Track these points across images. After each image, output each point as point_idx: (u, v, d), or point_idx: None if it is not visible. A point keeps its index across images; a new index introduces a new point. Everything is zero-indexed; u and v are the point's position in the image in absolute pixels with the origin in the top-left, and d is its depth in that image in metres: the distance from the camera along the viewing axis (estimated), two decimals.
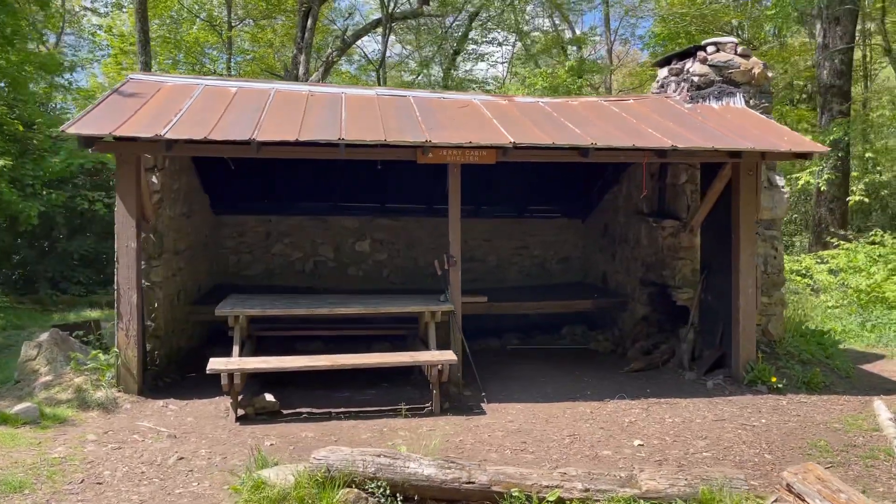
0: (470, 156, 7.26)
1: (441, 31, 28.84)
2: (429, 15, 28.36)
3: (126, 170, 6.98)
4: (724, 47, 8.95)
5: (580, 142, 7.07)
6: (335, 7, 30.89)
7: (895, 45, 19.95)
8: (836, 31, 18.85)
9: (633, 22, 39.31)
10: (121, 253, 7.05)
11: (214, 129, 6.81)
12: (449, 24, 28.36)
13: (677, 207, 9.03)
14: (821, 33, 19.03)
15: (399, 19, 27.48)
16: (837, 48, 18.65)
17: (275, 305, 7.25)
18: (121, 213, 7.03)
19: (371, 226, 12.09)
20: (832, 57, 18.73)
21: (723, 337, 8.43)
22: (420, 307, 7.37)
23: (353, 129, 7.09)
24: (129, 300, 7.07)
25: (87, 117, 6.79)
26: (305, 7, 24.60)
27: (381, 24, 27.51)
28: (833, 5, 18.64)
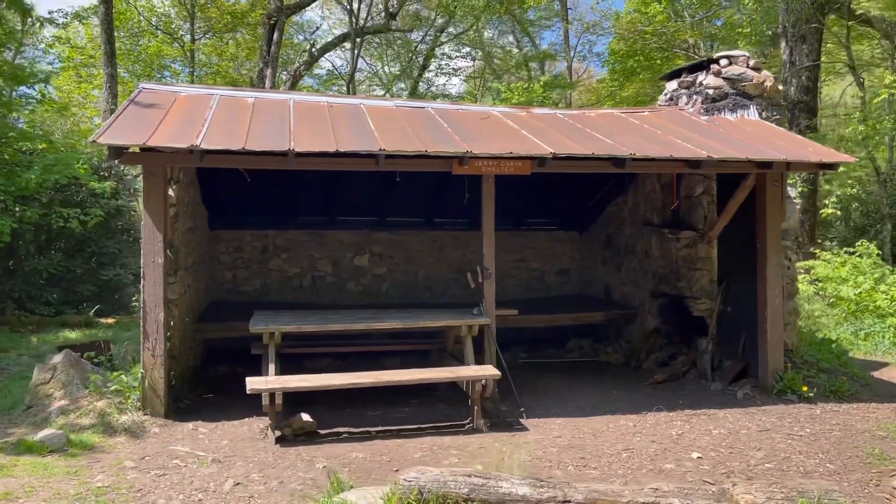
0: (505, 167, 7.15)
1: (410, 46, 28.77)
2: (396, 30, 28.34)
3: (153, 182, 6.66)
4: (737, 60, 9.07)
5: (617, 152, 7.03)
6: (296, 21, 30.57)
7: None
8: (802, 48, 19.41)
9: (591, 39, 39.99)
10: (147, 269, 6.71)
11: (248, 139, 6.56)
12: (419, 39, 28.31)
13: (693, 218, 9.07)
14: (786, 51, 19.56)
15: (366, 34, 27.34)
16: (804, 65, 19.20)
17: (308, 321, 6.99)
18: (147, 227, 6.69)
19: (370, 240, 11.86)
20: (799, 74, 19.27)
21: (745, 347, 8.48)
22: (457, 321, 7.20)
23: (388, 140, 6.91)
24: (155, 318, 6.73)
25: (112, 128, 6.46)
26: (273, 21, 24.30)
27: (348, 38, 27.36)
28: (799, 24, 19.19)
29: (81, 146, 17.88)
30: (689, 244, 9.14)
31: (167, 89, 8.22)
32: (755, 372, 8.32)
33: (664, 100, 10.08)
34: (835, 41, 20.51)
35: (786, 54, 19.90)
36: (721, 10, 24.46)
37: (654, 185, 9.98)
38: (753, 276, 8.33)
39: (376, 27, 26.57)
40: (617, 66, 29.09)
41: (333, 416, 7.08)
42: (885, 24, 20.05)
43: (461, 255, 12.19)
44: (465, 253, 12.22)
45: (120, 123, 6.66)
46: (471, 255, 12.19)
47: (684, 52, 29.07)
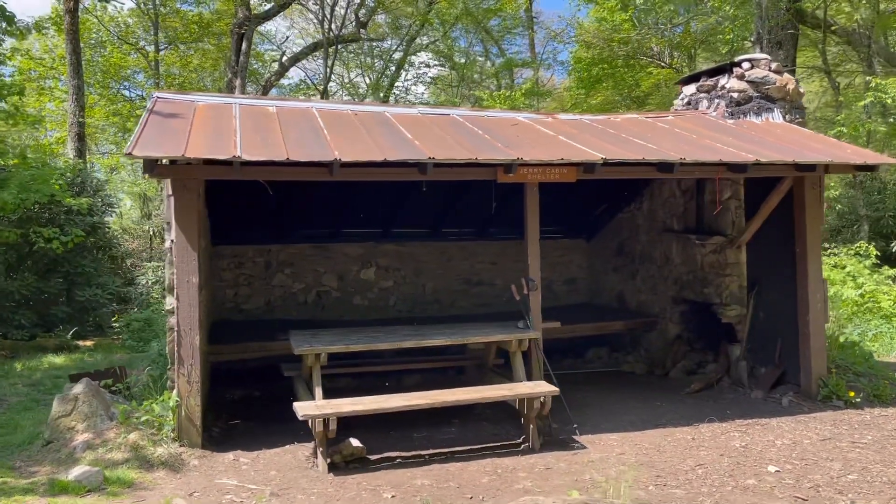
0: (551, 174, 6.90)
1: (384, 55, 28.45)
2: (367, 39, 27.99)
3: (187, 197, 6.22)
4: (759, 63, 8.99)
5: (666, 157, 6.83)
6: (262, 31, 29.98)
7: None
8: (778, 54, 19.64)
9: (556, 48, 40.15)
10: (181, 290, 6.26)
11: (288, 149, 6.17)
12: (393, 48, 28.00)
13: (721, 223, 8.93)
14: None
15: (337, 43, 26.93)
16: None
17: (352, 340, 6.60)
18: (180, 244, 6.24)
19: (376, 252, 11.48)
20: None
21: (781, 353, 8.35)
22: (508, 336, 6.89)
23: (432, 149, 6.58)
24: (191, 342, 6.27)
25: (141, 139, 6.01)
26: (241, 30, 23.77)
27: (319, 47, 26.92)
28: (775, 30, 19.43)
29: (49, 161, 17.07)
30: (717, 250, 9.00)
31: (183, 98, 7.77)
32: (793, 378, 8.19)
33: (681, 104, 9.95)
34: (811, 46, 20.83)
35: None
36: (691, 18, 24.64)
37: (674, 191, 9.84)
38: (788, 280, 8.22)
39: (348, 36, 26.19)
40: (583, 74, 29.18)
41: (379, 440, 6.70)
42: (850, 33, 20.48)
43: (469, 266, 11.90)
44: (472, 264, 11.93)
45: (148, 134, 6.21)
46: (478, 265, 11.95)
47: (650, 61, 29.38)
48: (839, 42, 21.13)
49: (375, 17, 27.83)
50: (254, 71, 28.83)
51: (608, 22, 27.28)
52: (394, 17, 26.23)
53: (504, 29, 31.05)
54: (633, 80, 28.02)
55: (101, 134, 29.10)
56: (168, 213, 6.92)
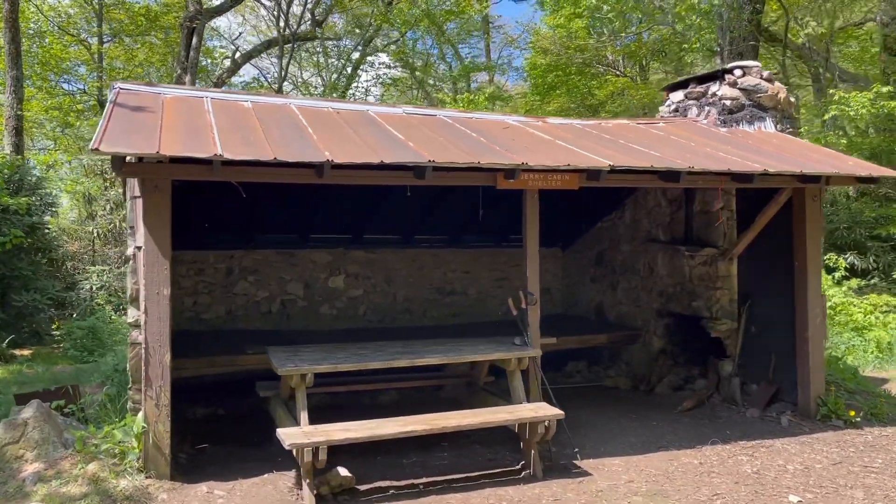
0: (552, 181, 6.46)
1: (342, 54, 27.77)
2: (324, 38, 27.30)
3: (158, 199, 5.57)
4: (750, 71, 8.75)
5: (674, 165, 6.46)
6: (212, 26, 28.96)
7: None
8: None
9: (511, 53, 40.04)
10: (150, 302, 5.60)
11: (273, 148, 5.58)
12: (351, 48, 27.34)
13: (712, 235, 8.65)
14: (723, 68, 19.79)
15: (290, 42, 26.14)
16: None
17: (339, 358, 6.03)
18: (150, 251, 5.58)
19: (345, 259, 10.88)
20: None
21: (775, 370, 8.09)
22: (505, 353, 6.40)
23: (429, 151, 6.07)
24: (160, 361, 5.61)
25: (107, 134, 5.33)
26: (193, 24, 22.81)
27: (272, 45, 26.10)
28: (736, 42, 19.49)
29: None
30: (707, 262, 8.71)
31: (148, 90, 7.08)
32: (788, 396, 7.95)
33: (668, 111, 9.66)
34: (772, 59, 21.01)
35: None
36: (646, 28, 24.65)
37: (659, 200, 9.54)
38: (782, 294, 7.98)
39: (304, 34, 25.44)
40: (539, 80, 29.08)
41: (366, 467, 6.15)
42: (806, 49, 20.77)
43: (441, 274, 11.40)
44: (445, 272, 11.45)
45: (115, 128, 5.54)
46: (451, 274, 11.47)
47: (605, 69, 29.44)
48: (792, 57, 21.40)
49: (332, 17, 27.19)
50: (203, 68, 27.81)
51: (565, 29, 27.22)
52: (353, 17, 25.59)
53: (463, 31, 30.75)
54: (587, 88, 28.02)
55: (39, 129, 27.63)
56: (134, 216, 6.25)
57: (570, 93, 28.45)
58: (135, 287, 6.44)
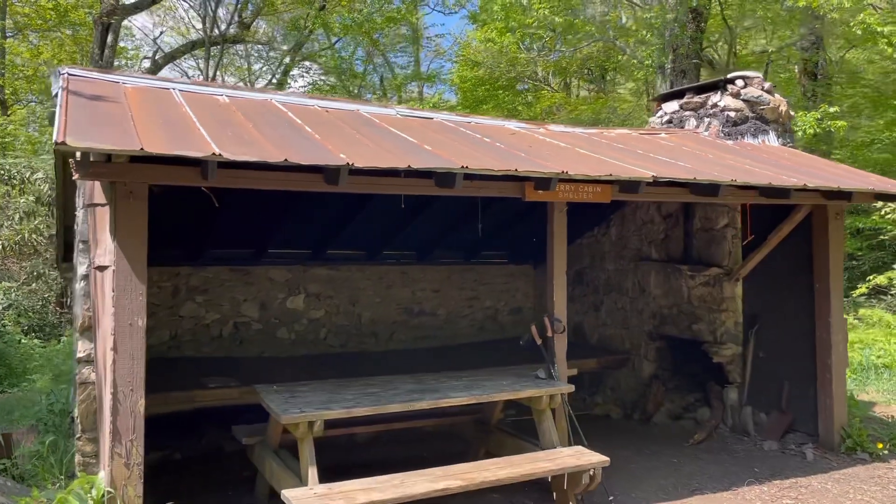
0: (584, 192, 5.72)
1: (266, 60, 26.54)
2: (252, 41, 26.02)
3: (133, 208, 4.51)
4: (752, 82, 8.32)
5: (716, 178, 5.84)
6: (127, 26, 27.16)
7: None
8: (682, 82, 19.73)
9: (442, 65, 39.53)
10: (121, 335, 4.51)
11: (278, 149, 4.62)
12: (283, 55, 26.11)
13: (716, 254, 8.13)
14: (664, 86, 19.81)
15: (218, 43, 24.71)
16: None
17: (348, 400, 5.06)
18: (122, 273, 4.51)
19: (306, 277, 9.83)
20: None
21: (788, 399, 7.60)
22: (536, 390, 5.58)
23: (456, 157, 5.23)
24: (132, 408, 4.53)
25: (70, 126, 4.24)
26: (109, 20, 21.15)
27: (196, 46, 24.61)
28: (680, 59, 19.47)
29: None
30: (710, 282, 8.18)
31: (104, 77, 5.95)
32: (803, 426, 7.47)
33: (659, 122, 9.14)
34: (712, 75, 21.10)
35: (662, 88, 20.25)
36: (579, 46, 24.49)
37: (653, 216, 8.97)
38: (795, 317, 7.53)
39: (231, 37, 24.08)
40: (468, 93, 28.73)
41: None
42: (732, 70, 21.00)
43: (410, 293, 10.51)
44: (413, 291, 10.56)
45: (77, 120, 4.45)
46: (420, 293, 10.60)
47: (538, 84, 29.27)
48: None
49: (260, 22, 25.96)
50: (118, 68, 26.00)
51: (496, 43, 26.88)
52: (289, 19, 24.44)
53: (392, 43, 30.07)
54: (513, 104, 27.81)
55: None
56: (89, 228, 5.13)
57: (499, 107, 28.14)
58: (87, 314, 5.31)
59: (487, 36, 27.22)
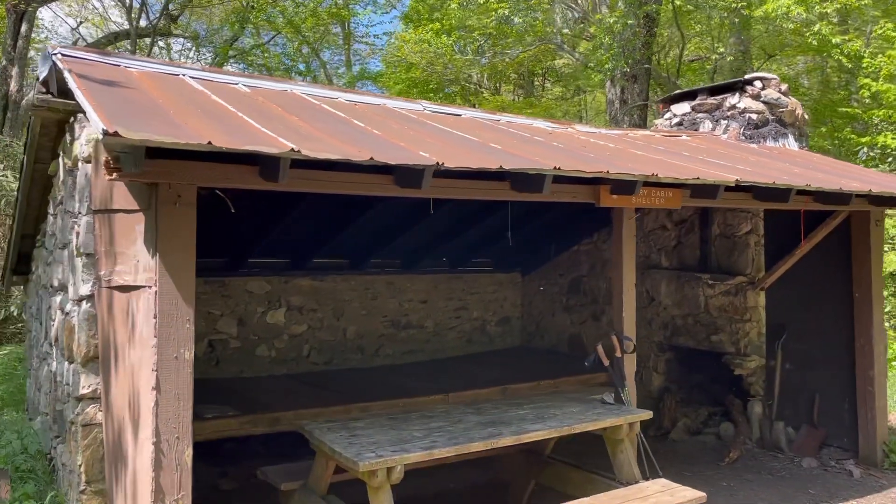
0: (656, 198, 5.20)
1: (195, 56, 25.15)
2: (179, 35, 24.61)
3: (181, 217, 3.70)
4: (770, 83, 8.05)
5: (792, 183, 5.42)
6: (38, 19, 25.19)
7: None
8: (633, 87, 19.71)
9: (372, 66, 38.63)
10: (165, 371, 3.67)
11: (356, 145, 3.89)
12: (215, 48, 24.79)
13: (739, 262, 7.79)
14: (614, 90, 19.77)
15: (145, 35, 23.18)
16: (636, 104, 19.50)
17: (419, 439, 4.34)
18: (167, 294, 3.66)
19: (287, 289, 8.97)
20: (631, 112, 19.52)
21: (819, 413, 7.32)
22: (615, 419, 4.99)
23: (541, 157, 4.61)
24: (177, 460, 3.69)
25: (110, 115, 3.38)
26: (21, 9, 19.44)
27: (120, 38, 23.01)
28: (632, 65, 19.41)
29: None
30: (732, 291, 7.83)
31: (104, 60, 5.01)
32: (836, 441, 7.21)
33: (668, 124, 8.75)
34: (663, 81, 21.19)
35: (612, 93, 20.20)
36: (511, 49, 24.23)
37: (663, 222, 8.59)
38: (827, 327, 7.26)
39: (159, 29, 22.61)
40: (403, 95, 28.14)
41: None
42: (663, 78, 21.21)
43: (397, 304, 9.78)
44: (400, 302, 9.84)
45: (110, 108, 3.58)
46: (407, 304, 9.89)
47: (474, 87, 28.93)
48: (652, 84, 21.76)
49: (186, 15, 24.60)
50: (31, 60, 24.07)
51: (432, 45, 26.37)
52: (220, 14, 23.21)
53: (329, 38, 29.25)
54: None
55: None
56: (105, 238, 4.22)
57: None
58: (93, 342, 4.40)
59: (424, 37, 26.67)
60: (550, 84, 30.45)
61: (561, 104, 29.35)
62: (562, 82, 30.54)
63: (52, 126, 5.24)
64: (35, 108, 4.81)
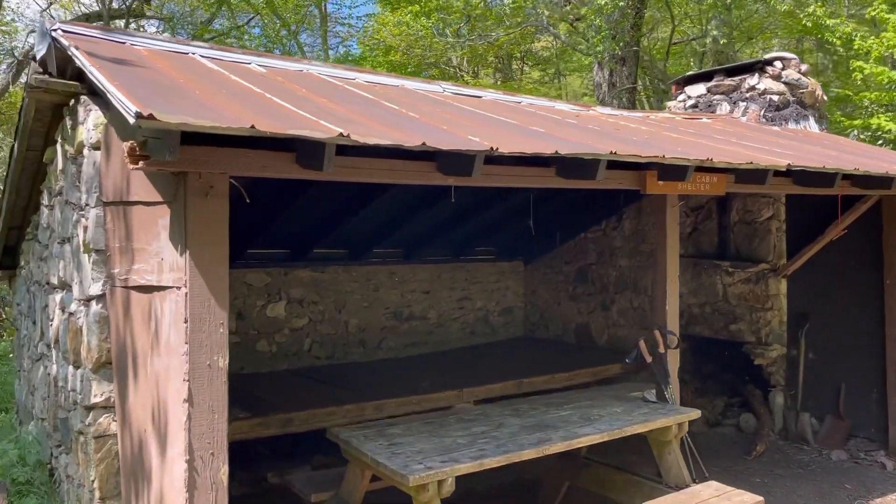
0: (700, 184, 4.91)
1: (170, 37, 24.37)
2: (153, 17, 23.86)
3: (212, 209, 3.32)
4: (790, 63, 7.79)
5: (844, 166, 5.16)
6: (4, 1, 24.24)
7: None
8: (622, 70, 19.43)
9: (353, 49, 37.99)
10: (198, 381, 3.30)
11: (402, 130, 3.54)
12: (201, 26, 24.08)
13: (760, 249, 7.56)
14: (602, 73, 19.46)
15: (118, 16, 22.40)
16: (625, 87, 19.24)
17: (465, 447, 4.02)
18: (199, 296, 3.28)
19: (287, 281, 8.58)
20: (620, 95, 19.25)
21: (845, 403, 7.13)
22: (665, 419, 4.71)
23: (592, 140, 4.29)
24: (213, 480, 3.33)
25: (137, 97, 2.99)
26: None
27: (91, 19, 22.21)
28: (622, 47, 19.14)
29: None
30: (752, 279, 7.61)
31: (108, 37, 4.57)
32: (862, 431, 7.04)
33: (682, 106, 8.47)
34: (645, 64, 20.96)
35: (599, 76, 19.90)
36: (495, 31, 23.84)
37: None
38: (852, 316, 7.07)
39: (133, 10, 21.86)
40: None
41: None
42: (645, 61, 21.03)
43: (399, 296, 9.44)
44: (402, 293, 9.49)
45: (134, 90, 3.18)
46: (409, 295, 9.55)
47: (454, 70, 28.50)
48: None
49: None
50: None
51: (410, 27, 25.91)
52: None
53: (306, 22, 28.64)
54: None
55: None
56: (120, 233, 3.83)
57: None
58: (105, 346, 4.01)
59: (404, 19, 26.18)
60: (528, 68, 30.17)
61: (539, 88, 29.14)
62: (540, 66, 30.26)
63: (47, 110, 4.81)
64: (32, 89, 4.37)
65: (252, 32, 27.04)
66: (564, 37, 21.06)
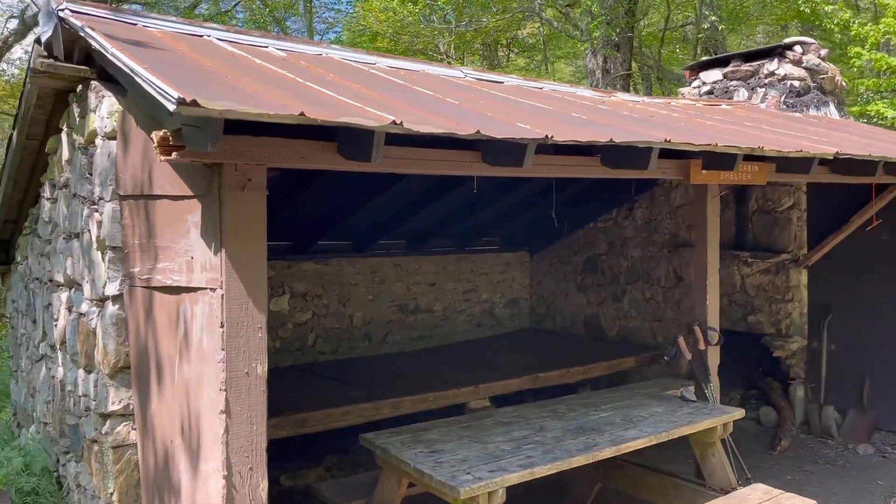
0: (743, 173, 4.69)
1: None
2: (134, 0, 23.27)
3: (250, 203, 3.02)
4: (809, 48, 7.60)
5: (889, 154, 4.97)
6: None
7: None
8: (617, 57, 19.23)
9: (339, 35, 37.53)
10: (235, 390, 3.03)
11: (450, 119, 3.28)
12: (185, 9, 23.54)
13: (780, 238, 7.38)
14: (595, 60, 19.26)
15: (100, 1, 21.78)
16: (619, 73, 19.06)
17: (511, 453, 3.79)
18: (236, 298, 3.01)
19: (290, 274, 8.30)
20: (614, 82, 19.06)
21: (870, 396, 7.00)
22: (710, 420, 4.50)
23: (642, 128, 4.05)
24: (251, 495, 3.07)
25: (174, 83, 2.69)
26: None
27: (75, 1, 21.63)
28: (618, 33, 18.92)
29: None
30: (772, 270, 7.43)
31: (120, 18, 4.26)
32: (887, 425, 6.90)
33: (697, 93, 8.26)
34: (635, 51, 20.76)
35: (592, 63, 19.69)
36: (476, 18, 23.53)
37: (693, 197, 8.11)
38: (877, 307, 6.92)
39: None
40: None
41: None
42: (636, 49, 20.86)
43: (404, 288, 9.19)
44: (408, 285, 9.24)
45: (167, 74, 2.89)
46: (415, 287, 9.30)
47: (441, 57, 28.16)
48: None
49: None
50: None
51: (397, 13, 25.53)
52: None
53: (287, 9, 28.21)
54: None
55: None
56: (141, 230, 3.55)
57: None
58: (123, 350, 3.74)
59: (389, 5, 25.79)
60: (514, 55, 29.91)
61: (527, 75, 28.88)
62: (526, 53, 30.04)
63: (50, 96, 4.50)
64: (37, 74, 4.06)
65: (238, 17, 26.56)
66: (557, 23, 20.80)
